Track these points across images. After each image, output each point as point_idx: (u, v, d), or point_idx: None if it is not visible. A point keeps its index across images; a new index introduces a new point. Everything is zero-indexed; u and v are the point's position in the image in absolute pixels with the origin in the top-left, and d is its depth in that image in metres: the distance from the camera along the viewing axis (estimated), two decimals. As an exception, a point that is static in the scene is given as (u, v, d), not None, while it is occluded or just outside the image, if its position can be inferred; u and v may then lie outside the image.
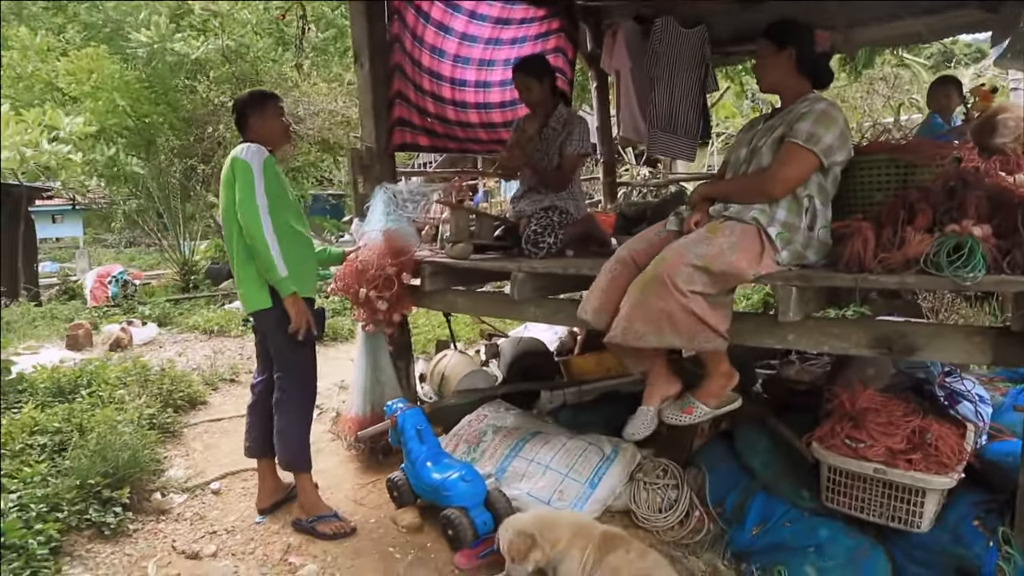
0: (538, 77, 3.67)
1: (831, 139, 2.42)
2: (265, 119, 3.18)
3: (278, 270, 2.95)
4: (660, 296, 2.36)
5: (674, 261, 2.38)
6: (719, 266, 2.37)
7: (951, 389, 2.73)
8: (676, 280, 2.34)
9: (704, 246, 2.39)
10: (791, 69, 2.58)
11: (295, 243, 3.11)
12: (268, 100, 3.24)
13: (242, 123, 3.20)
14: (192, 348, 6.34)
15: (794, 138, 2.44)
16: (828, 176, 2.51)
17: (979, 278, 2.03)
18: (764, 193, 2.47)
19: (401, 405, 3.27)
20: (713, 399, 2.57)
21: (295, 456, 3.19)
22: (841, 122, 2.46)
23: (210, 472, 3.83)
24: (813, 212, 2.49)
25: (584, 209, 3.80)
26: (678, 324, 2.35)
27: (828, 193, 2.53)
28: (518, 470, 3.17)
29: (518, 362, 4.14)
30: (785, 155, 2.46)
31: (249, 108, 3.17)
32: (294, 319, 3.02)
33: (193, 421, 4.51)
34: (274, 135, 3.22)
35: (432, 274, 3.51)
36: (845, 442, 2.33)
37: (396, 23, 3.88)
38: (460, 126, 4.60)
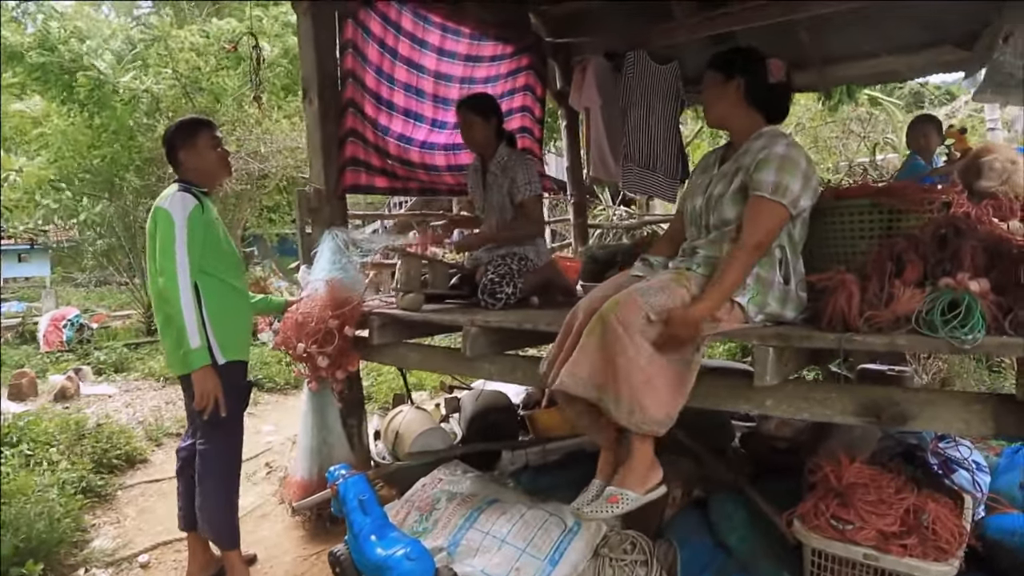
0: (483, 114, 3.45)
1: (798, 186, 2.17)
2: (197, 151, 2.90)
3: (189, 339, 2.67)
4: (609, 345, 2.09)
5: (627, 307, 2.11)
6: None
7: (946, 456, 2.47)
8: (630, 330, 2.08)
9: (662, 296, 2.13)
10: (739, 101, 2.32)
11: (226, 300, 2.86)
12: (199, 130, 2.94)
13: (173, 157, 2.93)
14: (142, 399, 5.97)
15: (758, 191, 2.18)
16: (797, 223, 2.27)
17: (979, 340, 1.79)
18: (749, 265, 2.18)
19: (344, 472, 2.96)
20: (640, 486, 2.22)
21: (219, 532, 2.90)
22: (803, 163, 2.20)
23: (141, 542, 3.49)
24: (787, 264, 2.26)
25: (546, 255, 3.55)
26: (622, 384, 2.06)
27: (797, 242, 2.30)
28: (472, 544, 2.86)
29: (478, 419, 3.85)
30: (753, 212, 2.19)
31: (178, 141, 2.89)
32: (198, 396, 2.72)
33: (129, 482, 4.16)
34: (209, 168, 2.94)
35: (381, 326, 3.23)
36: (831, 523, 2.06)
37: (349, 57, 3.65)
38: (424, 169, 4.35)
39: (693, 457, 3.15)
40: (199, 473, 2.88)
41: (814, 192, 2.25)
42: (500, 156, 3.51)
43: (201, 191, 2.88)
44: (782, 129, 2.40)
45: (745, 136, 2.34)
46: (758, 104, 2.32)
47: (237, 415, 2.95)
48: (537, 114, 5.17)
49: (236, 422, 2.95)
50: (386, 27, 3.87)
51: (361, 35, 3.72)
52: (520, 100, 5.01)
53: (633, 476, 2.23)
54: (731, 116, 2.37)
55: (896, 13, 4.42)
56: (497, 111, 3.57)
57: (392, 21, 3.90)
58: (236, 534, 2.94)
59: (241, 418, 3.00)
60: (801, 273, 2.31)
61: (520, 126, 5.02)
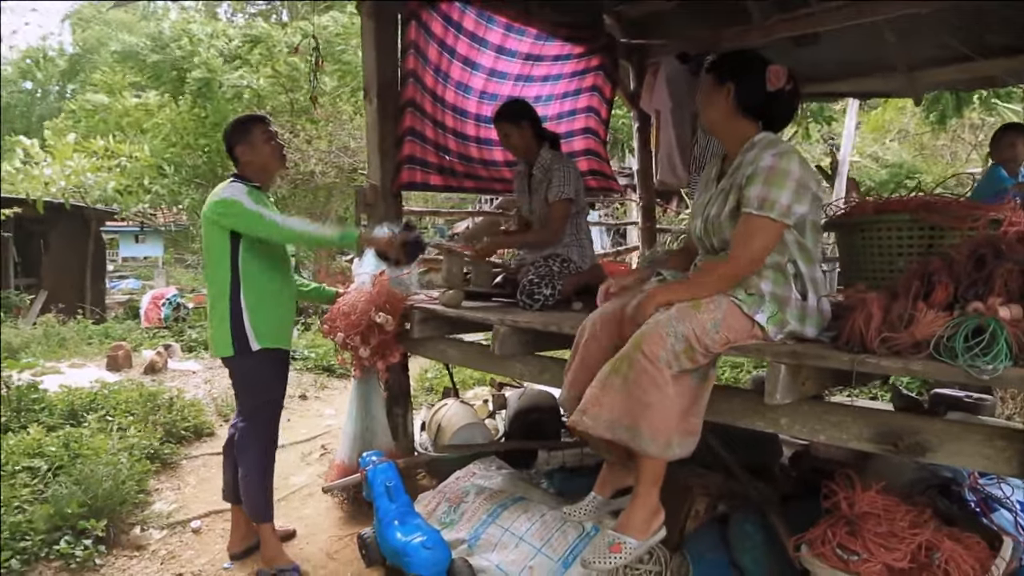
0: (513, 121, 3.46)
1: (787, 198, 2.06)
2: (253, 147, 3.05)
3: (328, 236, 3.08)
4: (637, 383, 2.04)
5: (653, 342, 2.05)
6: (703, 344, 2.07)
7: (985, 493, 2.31)
8: (658, 363, 2.03)
9: (686, 324, 2.06)
10: (729, 108, 2.21)
11: (266, 291, 3.03)
12: (253, 126, 3.09)
13: (231, 154, 3.10)
14: (221, 375, 6.32)
15: (747, 208, 2.09)
16: (806, 231, 2.15)
17: (999, 371, 1.67)
18: (735, 280, 2.13)
19: (375, 459, 3.06)
20: (643, 533, 2.16)
21: (254, 506, 3.06)
22: (795, 170, 2.08)
23: (195, 509, 3.72)
24: (802, 278, 2.16)
25: (591, 258, 3.54)
26: (655, 418, 2.03)
27: (811, 250, 2.18)
28: (492, 538, 2.90)
29: (520, 417, 3.88)
30: (743, 229, 2.11)
31: (234, 139, 3.04)
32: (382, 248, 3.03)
33: (194, 453, 4.44)
34: (264, 160, 3.09)
35: (421, 320, 3.31)
36: (836, 552, 1.97)
37: (411, 58, 3.75)
38: (483, 164, 4.43)
39: (725, 471, 3.08)
40: (238, 450, 3.06)
41: (814, 198, 2.13)
42: (543, 159, 3.51)
43: (254, 186, 3.03)
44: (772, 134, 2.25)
45: (736, 145, 2.24)
46: (751, 112, 2.21)
47: (274, 399, 3.10)
48: (604, 115, 5.13)
49: (274, 406, 3.10)
50: (447, 27, 3.95)
51: (423, 36, 3.82)
52: (586, 100, 4.99)
53: (636, 522, 2.18)
54: (720, 123, 2.27)
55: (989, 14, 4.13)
56: (528, 114, 3.54)
57: (454, 21, 3.97)
58: (269, 509, 3.08)
59: (278, 402, 3.14)
60: (819, 283, 2.20)
61: (584, 127, 5.01)
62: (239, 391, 3.10)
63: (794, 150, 2.16)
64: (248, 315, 2.93)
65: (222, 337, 2.94)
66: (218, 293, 2.96)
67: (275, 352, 3.04)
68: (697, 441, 2.14)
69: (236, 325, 2.94)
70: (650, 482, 2.17)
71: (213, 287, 2.99)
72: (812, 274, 2.17)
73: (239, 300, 2.93)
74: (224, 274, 2.94)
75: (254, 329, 2.94)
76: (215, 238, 2.94)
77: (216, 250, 2.95)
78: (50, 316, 8.20)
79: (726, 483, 2.97)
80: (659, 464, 2.16)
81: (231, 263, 2.94)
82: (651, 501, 2.19)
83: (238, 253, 2.93)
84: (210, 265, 3.00)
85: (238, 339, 2.94)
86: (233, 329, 2.93)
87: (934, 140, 10.05)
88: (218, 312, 2.96)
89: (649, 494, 2.18)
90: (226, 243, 2.93)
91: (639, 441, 2.07)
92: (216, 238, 2.94)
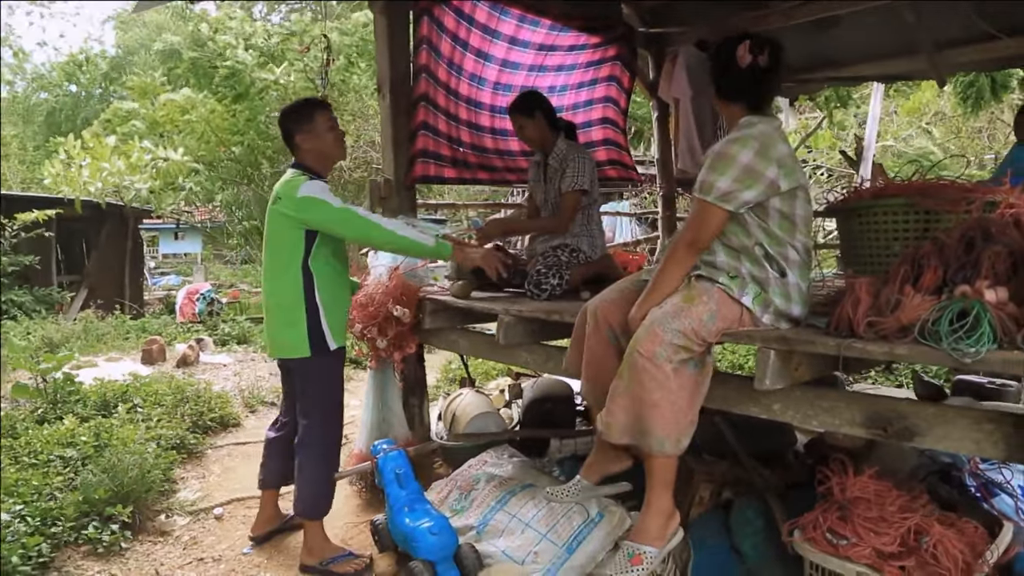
0: (527, 113, 3.49)
1: (727, 183, 2.07)
2: (316, 135, 2.92)
3: (425, 244, 2.89)
4: (639, 383, 2.09)
5: (650, 342, 2.09)
6: (699, 336, 2.10)
7: (986, 479, 2.28)
8: (657, 360, 2.06)
9: (682, 320, 2.09)
10: (718, 100, 2.30)
11: (337, 287, 2.99)
12: (315, 112, 2.93)
13: (290, 141, 2.96)
14: (251, 368, 6.50)
15: (693, 190, 2.14)
16: (769, 215, 2.15)
17: (981, 354, 1.66)
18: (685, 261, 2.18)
19: (385, 446, 3.13)
20: (660, 539, 2.19)
21: (313, 503, 3.03)
22: (744, 156, 2.07)
23: (219, 496, 3.84)
24: (774, 258, 2.17)
25: (601, 248, 3.56)
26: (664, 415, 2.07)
27: (779, 236, 2.17)
28: (499, 525, 2.95)
29: (535, 406, 3.92)
30: (691, 209, 2.17)
31: (294, 124, 2.91)
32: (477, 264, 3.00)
33: (220, 443, 4.57)
34: (327, 150, 2.98)
35: (433, 311, 3.38)
36: (826, 536, 1.97)
37: (424, 53, 3.80)
38: (498, 155, 4.47)
39: (733, 457, 3.08)
40: (303, 447, 2.98)
41: (771, 184, 2.10)
42: (559, 149, 3.54)
43: (320, 176, 2.95)
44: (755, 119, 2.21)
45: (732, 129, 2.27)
46: (733, 95, 2.25)
47: (342, 397, 3.10)
48: (623, 105, 5.14)
49: (342, 404, 3.10)
50: (459, 21, 3.99)
51: (436, 31, 3.87)
52: (603, 90, 4.99)
53: (653, 529, 2.20)
54: (722, 113, 2.34)
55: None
56: (541, 105, 3.57)
57: (466, 15, 4.02)
58: (324, 509, 3.07)
59: (342, 402, 3.12)
60: (795, 262, 2.19)
61: (602, 116, 5.02)
62: (312, 391, 2.97)
63: (753, 137, 2.11)
64: (325, 314, 2.88)
65: (296, 339, 2.86)
66: (289, 293, 2.87)
67: (343, 350, 3.03)
68: (693, 431, 2.16)
69: (313, 325, 2.87)
70: (662, 486, 2.20)
71: (282, 287, 2.89)
72: (784, 254, 2.18)
73: (315, 299, 2.86)
74: (295, 273, 2.85)
75: (331, 328, 2.90)
76: (288, 236, 2.85)
77: (288, 248, 2.85)
78: (89, 312, 8.49)
79: (732, 470, 2.97)
80: (671, 464, 2.18)
81: (303, 262, 2.85)
82: (666, 505, 2.22)
83: (311, 252, 2.85)
84: (278, 264, 2.89)
85: (315, 339, 2.88)
86: (310, 330, 2.86)
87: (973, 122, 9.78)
88: (289, 313, 2.87)
89: (663, 498, 2.21)
90: (300, 241, 2.84)
91: (651, 442, 2.10)
92: (289, 236, 2.85)
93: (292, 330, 2.88)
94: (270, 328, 3.01)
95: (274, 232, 2.90)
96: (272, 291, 2.95)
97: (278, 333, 2.96)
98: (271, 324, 3.00)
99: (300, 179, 2.87)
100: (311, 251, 2.87)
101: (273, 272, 2.93)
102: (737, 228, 2.18)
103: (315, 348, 2.89)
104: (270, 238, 2.93)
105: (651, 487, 2.20)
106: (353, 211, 2.82)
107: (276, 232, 2.89)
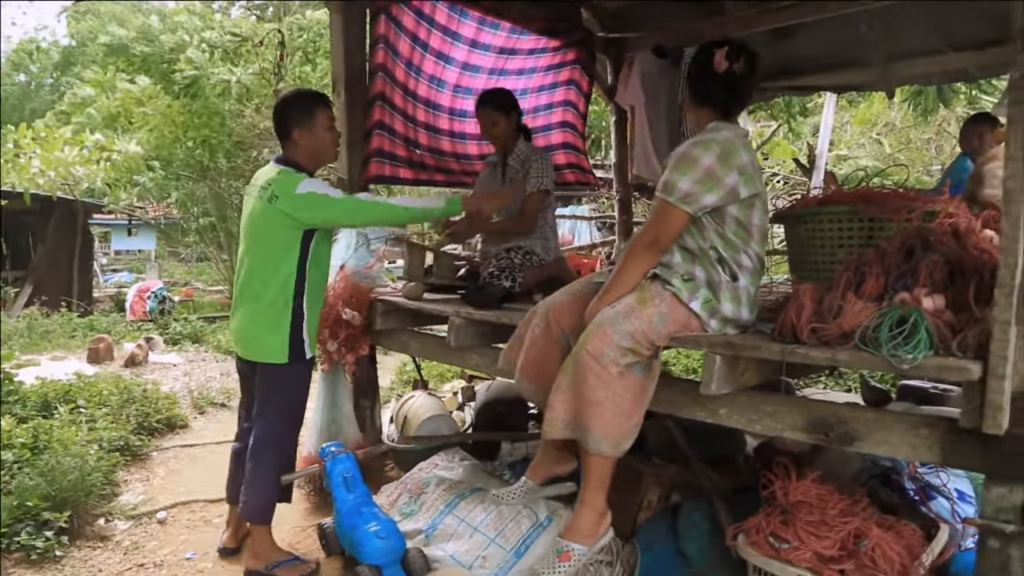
0: (505, 111, 3.48)
1: (688, 184, 2.09)
2: (313, 133, 2.77)
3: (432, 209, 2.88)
4: (583, 381, 2.09)
5: (598, 340, 2.09)
6: (648, 339, 2.11)
7: (924, 482, 2.33)
8: (603, 360, 2.07)
9: (632, 321, 2.10)
10: (688, 104, 2.33)
11: (319, 293, 2.90)
12: (318, 109, 2.79)
13: (285, 133, 2.79)
14: (201, 368, 6.36)
15: (656, 190, 2.16)
16: (725, 222, 2.17)
17: (919, 360, 1.69)
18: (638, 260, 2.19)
19: (334, 449, 3.08)
20: (590, 538, 2.20)
21: (261, 508, 2.90)
22: (706, 160, 2.08)
23: (163, 500, 3.74)
24: (727, 262, 2.19)
25: (555, 250, 3.56)
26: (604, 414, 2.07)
27: (734, 242, 2.19)
28: (448, 529, 2.93)
29: (487, 409, 3.90)
30: (652, 209, 2.19)
31: (294, 119, 2.76)
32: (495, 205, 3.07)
33: (166, 445, 4.46)
34: (322, 149, 2.83)
35: (384, 313, 3.34)
36: (769, 540, 1.99)
37: (380, 52, 3.76)
38: (455, 158, 4.44)
39: (683, 461, 3.10)
40: (256, 452, 2.86)
41: (731, 190, 2.12)
42: (519, 150, 3.53)
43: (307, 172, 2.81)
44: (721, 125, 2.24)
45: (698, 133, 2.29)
46: (707, 100, 2.27)
47: (304, 408, 3.03)
48: (582, 109, 5.14)
49: (302, 415, 3.02)
50: (419, 21, 3.95)
51: (393, 30, 3.82)
52: (563, 94, 4.99)
53: (584, 527, 2.21)
54: (690, 117, 2.38)
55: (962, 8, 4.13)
56: (517, 106, 3.59)
57: (426, 15, 3.98)
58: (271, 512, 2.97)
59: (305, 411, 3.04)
60: (747, 268, 2.22)
61: (562, 120, 5.02)
62: (278, 398, 2.84)
63: (717, 142, 2.14)
64: (307, 321, 2.78)
65: (276, 343, 2.74)
66: (278, 296, 2.73)
67: (315, 358, 2.93)
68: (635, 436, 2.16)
69: (295, 331, 2.76)
70: (597, 486, 2.20)
71: (270, 289, 2.73)
72: (737, 259, 2.20)
73: (302, 305, 2.75)
74: (288, 275, 2.72)
75: (309, 336, 2.80)
76: (283, 236, 2.70)
77: (281, 249, 2.71)
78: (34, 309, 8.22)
79: (680, 473, 2.99)
80: (607, 465, 2.18)
81: (299, 263, 2.72)
82: (598, 505, 2.22)
83: (307, 253, 2.73)
84: (267, 264, 2.74)
85: (295, 346, 2.77)
86: (292, 335, 2.75)
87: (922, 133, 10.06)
88: (273, 316, 2.74)
89: (596, 497, 2.21)
90: (296, 242, 2.70)
91: (589, 439, 2.10)
92: (284, 236, 2.69)
93: (273, 334, 2.75)
94: (247, 329, 2.83)
95: (265, 230, 2.73)
96: (257, 292, 2.77)
97: (257, 335, 2.80)
98: (250, 325, 2.81)
99: (297, 176, 2.72)
100: (308, 252, 2.75)
101: (260, 272, 2.76)
102: (694, 231, 2.20)
103: (293, 355, 2.77)
104: (258, 237, 2.76)
105: (586, 486, 2.21)
106: (359, 199, 2.79)
107: (267, 231, 2.72)
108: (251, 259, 2.80)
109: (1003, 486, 1.70)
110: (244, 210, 2.89)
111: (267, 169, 2.86)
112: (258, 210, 2.73)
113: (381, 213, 2.81)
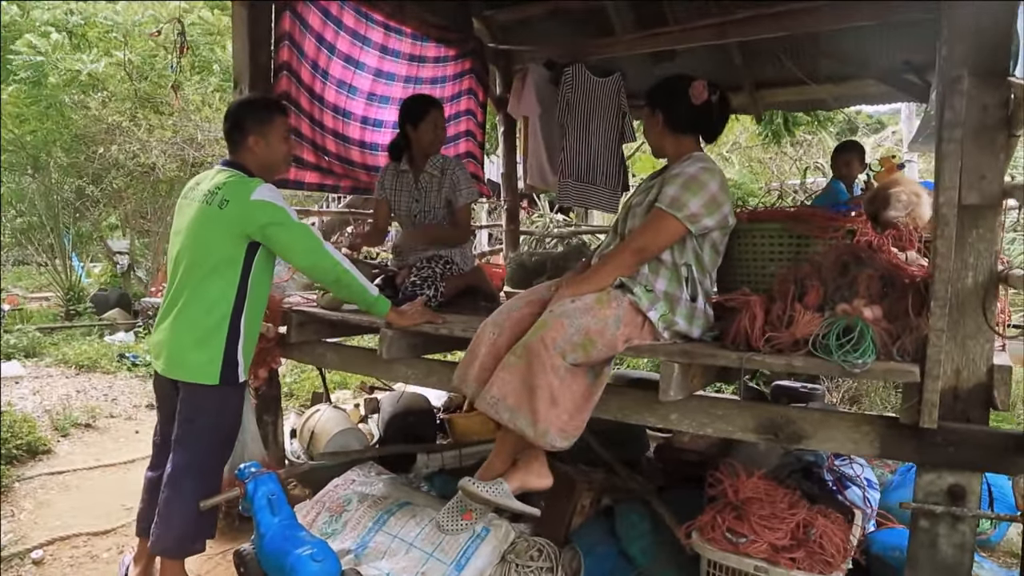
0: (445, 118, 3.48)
1: (697, 205, 2.24)
2: (269, 143, 2.61)
3: (370, 291, 2.65)
4: (530, 367, 2.12)
5: (553, 329, 2.15)
6: (601, 341, 2.17)
7: (840, 473, 2.58)
8: (550, 350, 2.11)
9: (588, 318, 2.17)
10: (664, 130, 2.44)
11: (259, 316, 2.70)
12: (276, 117, 2.64)
13: (239, 139, 2.60)
14: (52, 386, 5.73)
15: (659, 203, 2.27)
16: (704, 245, 2.33)
17: (868, 365, 1.88)
18: (624, 264, 2.29)
19: (254, 469, 2.89)
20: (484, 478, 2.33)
21: (179, 539, 2.64)
22: (713, 186, 2.26)
23: (36, 537, 3.34)
24: (694, 282, 2.33)
25: (472, 260, 3.57)
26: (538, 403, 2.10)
27: (705, 264, 2.36)
28: (380, 547, 2.84)
29: (397, 420, 3.83)
30: (649, 220, 2.29)
31: (251, 125, 2.58)
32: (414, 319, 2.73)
33: (30, 474, 3.97)
34: (276, 160, 2.67)
35: (299, 324, 3.19)
36: (726, 535, 2.12)
37: (285, 50, 3.58)
38: (364, 169, 4.29)
39: (606, 467, 3.21)
40: (174, 480, 2.60)
41: (723, 218, 2.30)
42: (436, 159, 3.50)
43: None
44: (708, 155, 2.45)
45: (676, 161, 2.42)
46: (684, 129, 2.40)
47: (235, 435, 2.81)
48: (480, 118, 5.18)
49: (232, 442, 2.80)
50: (326, 22, 3.82)
51: (299, 28, 3.66)
52: (465, 103, 5.01)
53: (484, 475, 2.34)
54: (660, 145, 2.48)
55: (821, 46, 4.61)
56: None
57: (333, 16, 3.85)
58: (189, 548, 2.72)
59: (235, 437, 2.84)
60: (709, 293, 2.38)
61: (466, 129, 5.03)
62: (204, 422, 2.60)
63: (719, 171, 2.32)
64: (244, 341, 2.57)
65: (205, 362, 2.52)
66: (214, 309, 2.51)
67: (247, 382, 2.73)
68: (577, 437, 2.21)
69: (230, 351, 2.55)
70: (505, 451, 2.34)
71: (205, 301, 2.52)
72: (703, 281, 2.35)
73: (239, 322, 2.55)
74: (227, 288, 2.52)
75: (244, 357, 2.60)
76: (226, 244, 2.49)
77: (223, 258, 2.51)
78: None
79: (608, 478, 3.10)
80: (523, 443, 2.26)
81: (240, 277, 2.53)
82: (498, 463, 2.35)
83: (251, 267, 2.54)
84: (203, 274, 2.52)
85: (228, 367, 2.55)
86: (226, 355, 2.54)
87: (763, 154, 11.02)
88: (205, 332, 2.52)
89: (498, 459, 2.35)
90: (241, 252, 2.51)
91: (517, 421, 2.13)
92: (228, 245, 2.49)
93: (202, 351, 2.53)
94: (174, 342, 2.57)
95: (207, 238, 2.51)
96: (190, 302, 2.54)
97: (184, 351, 2.55)
98: (177, 339, 2.56)
99: (251, 181, 2.53)
100: (252, 265, 2.55)
101: (197, 281, 2.53)
102: (675, 246, 2.31)
103: (224, 377, 2.56)
104: (199, 244, 2.53)
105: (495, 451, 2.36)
106: (311, 230, 2.54)
107: (211, 238, 2.50)
108: (187, 267, 2.57)
109: (932, 472, 1.92)
110: (179, 217, 2.65)
111: (211, 173, 2.64)
112: (203, 215, 2.51)
113: (325, 260, 2.54)
